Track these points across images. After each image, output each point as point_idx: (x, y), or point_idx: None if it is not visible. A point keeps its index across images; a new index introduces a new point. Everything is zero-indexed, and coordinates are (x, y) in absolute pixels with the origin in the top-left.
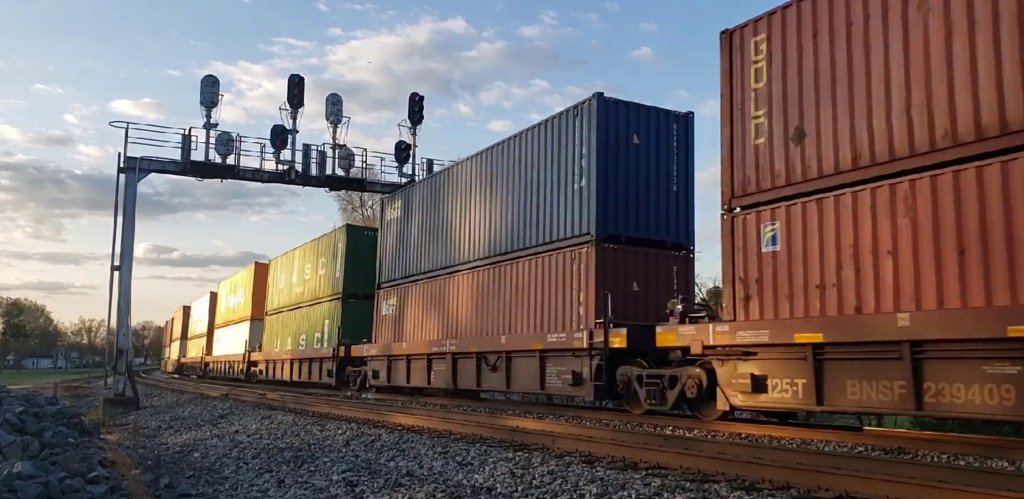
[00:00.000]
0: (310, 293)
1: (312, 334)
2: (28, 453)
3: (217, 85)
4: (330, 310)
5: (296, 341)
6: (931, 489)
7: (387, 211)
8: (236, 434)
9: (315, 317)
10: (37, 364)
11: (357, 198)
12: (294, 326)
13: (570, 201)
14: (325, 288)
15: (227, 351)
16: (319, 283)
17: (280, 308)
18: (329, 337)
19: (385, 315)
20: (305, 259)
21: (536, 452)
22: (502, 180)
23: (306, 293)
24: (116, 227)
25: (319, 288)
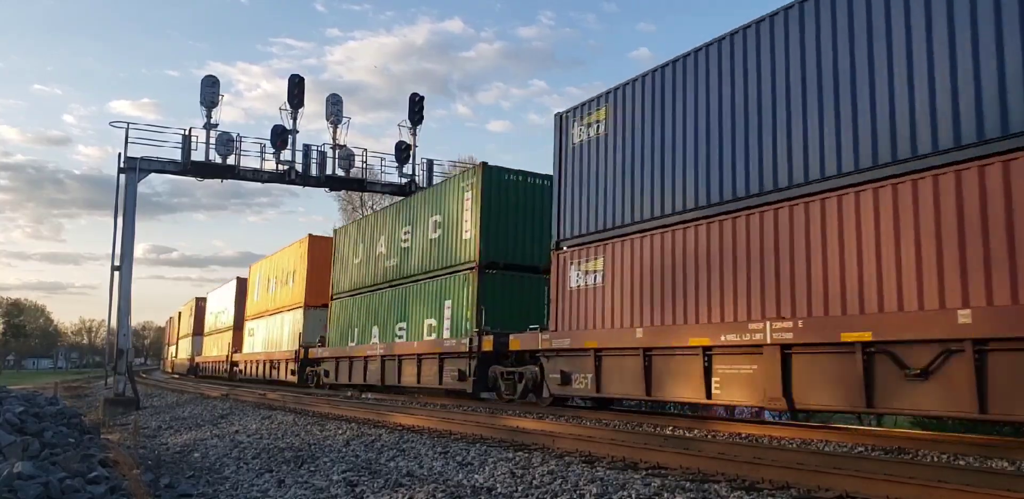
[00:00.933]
0: (414, 265)
1: (420, 321)
2: (28, 453)
3: (217, 85)
4: (456, 286)
5: (390, 331)
6: (931, 489)
7: (574, 130)
8: (236, 434)
9: (426, 297)
10: (37, 364)
11: (357, 198)
12: (383, 311)
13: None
14: (444, 256)
15: (267, 347)
16: (430, 251)
17: (357, 289)
18: (457, 324)
19: (578, 287)
20: (397, 222)
21: (536, 452)
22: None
23: (405, 266)
24: (116, 227)
25: (430, 257)
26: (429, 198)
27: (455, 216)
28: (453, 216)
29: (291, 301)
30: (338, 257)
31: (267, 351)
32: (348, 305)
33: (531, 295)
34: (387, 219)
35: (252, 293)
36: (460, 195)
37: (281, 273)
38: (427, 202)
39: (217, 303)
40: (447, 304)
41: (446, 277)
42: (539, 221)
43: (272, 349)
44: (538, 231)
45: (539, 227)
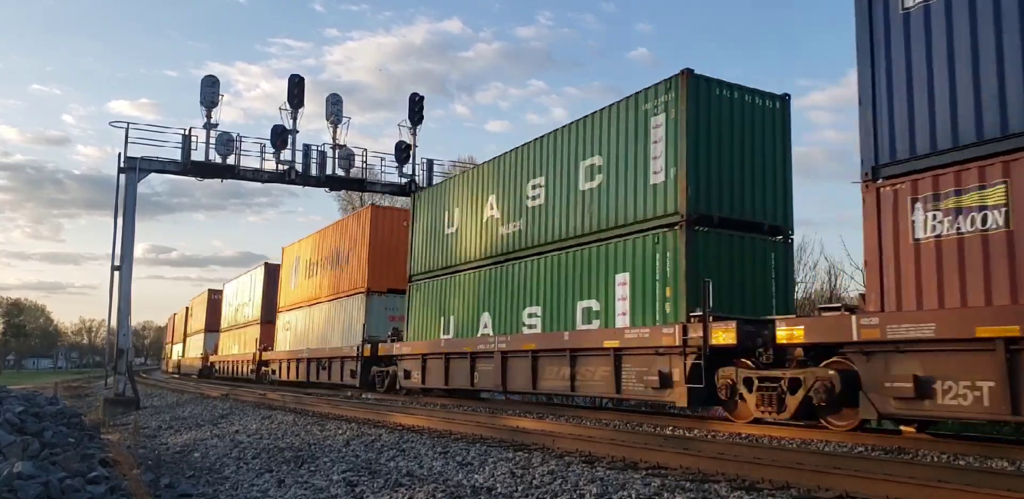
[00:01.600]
0: (553, 230)
1: (567, 305)
2: (28, 453)
3: (217, 85)
4: (639, 252)
5: (510, 320)
6: (931, 489)
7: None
8: (236, 434)
9: (579, 271)
10: (37, 364)
11: (357, 198)
12: (498, 294)
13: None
14: (611, 212)
15: (311, 343)
16: (581, 207)
17: (451, 267)
18: (642, 307)
19: (936, 238)
20: (518, 173)
21: (536, 452)
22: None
23: (535, 232)
24: (116, 227)
25: (584, 216)
26: (578, 134)
27: (632, 153)
28: (627, 154)
29: (348, 286)
30: (418, 229)
31: (313, 347)
32: (437, 288)
33: (755, 264)
34: (500, 172)
35: (287, 280)
36: (642, 123)
37: (329, 254)
38: (575, 140)
39: (238, 294)
40: (620, 279)
41: (617, 242)
42: (760, 160)
43: (320, 345)
44: (759, 174)
45: (760, 169)
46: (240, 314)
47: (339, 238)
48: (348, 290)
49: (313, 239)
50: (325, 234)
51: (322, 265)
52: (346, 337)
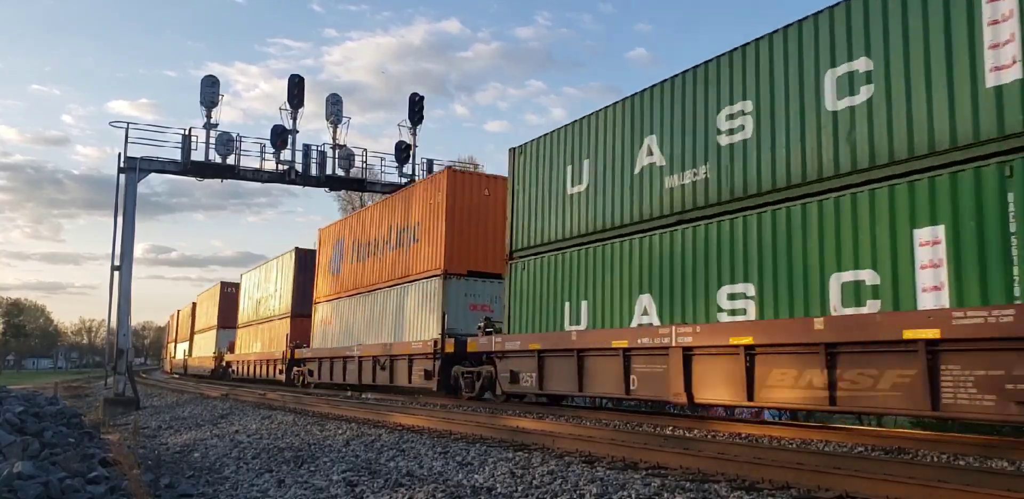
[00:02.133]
0: (813, 165)
1: (810, 271)
2: (28, 453)
3: (217, 85)
4: (976, 188)
5: (701, 303)
6: (931, 489)
7: None
8: (236, 434)
9: (853, 221)
10: (37, 364)
11: (357, 198)
12: (667, 270)
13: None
14: (916, 135)
15: (365, 338)
16: (839, 134)
17: (583, 237)
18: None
19: None
20: (720, 95)
21: (536, 452)
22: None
23: (752, 177)
24: (116, 227)
25: (860, 146)
26: (820, 30)
27: (939, 44)
28: (927, 47)
29: (418, 269)
30: (523, 192)
31: (368, 343)
32: (556, 265)
33: None
34: (668, 100)
35: (327, 266)
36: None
37: (389, 231)
38: (814, 39)
39: (260, 286)
40: (925, 236)
41: (916, 179)
42: None
43: (377, 340)
44: None
45: None
46: (263, 308)
47: (402, 211)
48: (418, 274)
49: (366, 215)
50: (383, 207)
51: (378, 245)
52: (414, 330)
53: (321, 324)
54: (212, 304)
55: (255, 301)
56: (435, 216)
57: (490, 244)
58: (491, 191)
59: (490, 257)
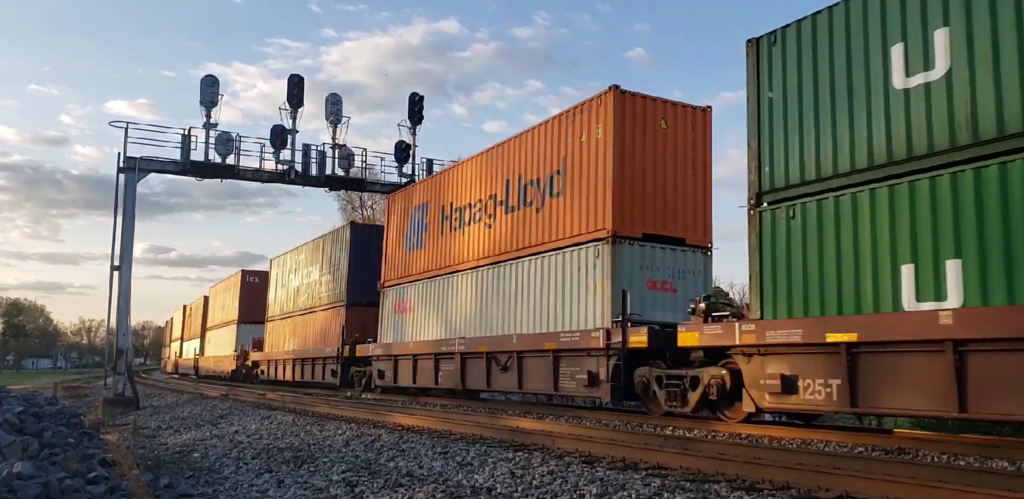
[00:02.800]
0: None
1: None
2: (28, 453)
3: (217, 85)
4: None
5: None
6: (931, 489)
7: None
8: (236, 434)
9: None
10: (37, 364)
11: (357, 198)
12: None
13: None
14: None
15: (484, 328)
16: None
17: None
18: None
19: None
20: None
21: (536, 452)
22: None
23: None
24: (116, 227)
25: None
26: None
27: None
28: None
29: (568, 232)
30: (785, 97)
31: (496, 336)
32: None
33: None
34: None
35: (398, 241)
36: None
37: (497, 190)
38: None
39: (298, 271)
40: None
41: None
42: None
43: (508, 330)
44: None
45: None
46: (304, 297)
47: (527, 157)
48: (560, 240)
49: (463, 171)
50: (492, 158)
51: (484, 208)
52: (555, 317)
53: (393, 314)
54: (230, 296)
55: (291, 290)
56: (592, 157)
57: (670, 198)
58: (669, 123)
59: (670, 216)
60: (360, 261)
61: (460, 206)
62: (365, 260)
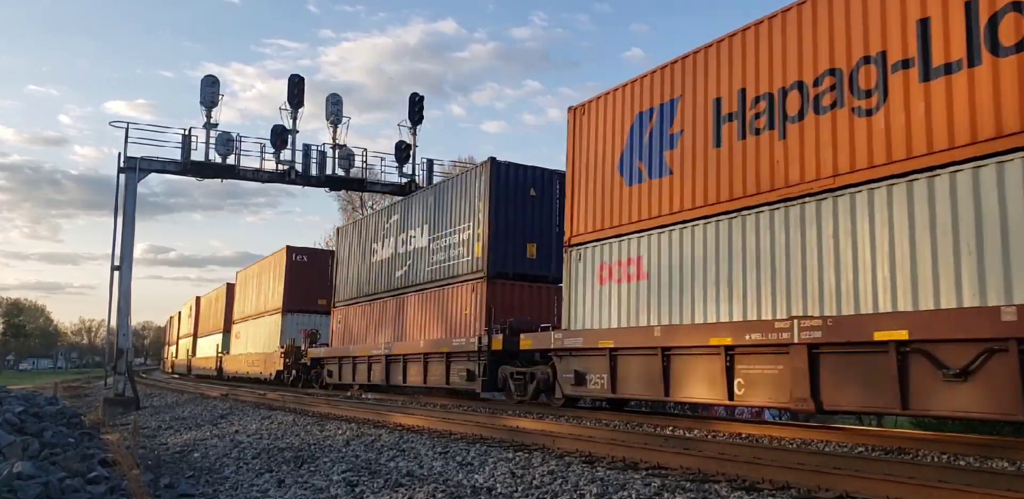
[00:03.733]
0: None
1: None
2: (28, 453)
3: (217, 85)
4: None
5: None
6: (931, 489)
7: None
8: (236, 434)
9: None
10: (37, 364)
11: (357, 198)
12: None
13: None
14: None
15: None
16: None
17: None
18: None
19: None
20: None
21: (536, 452)
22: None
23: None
24: (116, 227)
25: None
26: None
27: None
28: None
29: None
30: None
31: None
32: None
33: None
34: None
35: (610, 174)
36: None
37: (841, 64)
38: None
39: (387, 239)
40: None
41: None
42: None
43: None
44: None
45: None
46: (407, 271)
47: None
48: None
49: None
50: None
51: (822, 96)
52: None
53: (596, 284)
54: (272, 279)
55: (375, 263)
56: None
57: None
58: None
59: None
60: (505, 215)
61: (759, 95)
62: (512, 214)
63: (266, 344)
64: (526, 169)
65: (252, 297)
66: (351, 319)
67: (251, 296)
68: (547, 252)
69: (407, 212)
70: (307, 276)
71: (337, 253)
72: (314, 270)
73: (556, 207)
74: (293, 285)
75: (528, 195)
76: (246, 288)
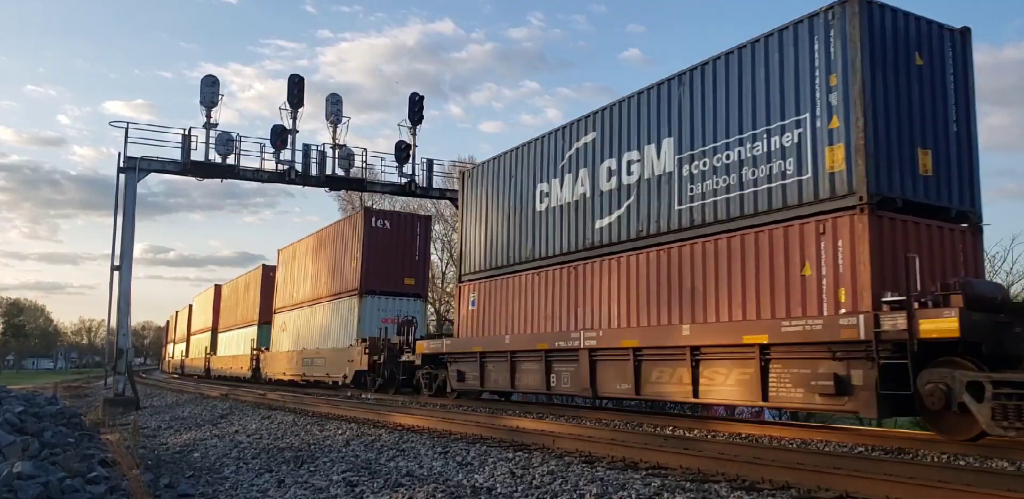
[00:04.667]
0: None
1: None
2: (28, 453)
3: (217, 85)
4: None
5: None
6: (931, 489)
7: None
8: (236, 434)
9: None
10: (37, 364)
11: (357, 198)
12: None
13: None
14: None
15: None
16: None
17: None
18: None
19: None
20: None
21: (536, 452)
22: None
23: None
24: (116, 227)
25: None
26: None
27: None
28: None
29: None
30: None
31: None
32: None
33: None
34: None
35: None
36: None
37: None
38: None
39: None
40: None
41: None
42: None
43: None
44: None
45: None
46: (615, 222)
47: None
48: None
49: None
50: None
51: None
52: None
53: None
54: (343, 250)
55: (567, 207)
56: None
57: None
58: None
59: None
60: (885, 98)
61: None
62: (895, 96)
63: (336, 337)
64: (908, 18)
65: (307, 278)
66: (493, 298)
67: (305, 276)
68: (946, 165)
69: (618, 124)
70: (390, 248)
71: (462, 208)
72: (400, 240)
73: (951, 88)
74: (372, 260)
75: (913, 64)
76: (294, 267)
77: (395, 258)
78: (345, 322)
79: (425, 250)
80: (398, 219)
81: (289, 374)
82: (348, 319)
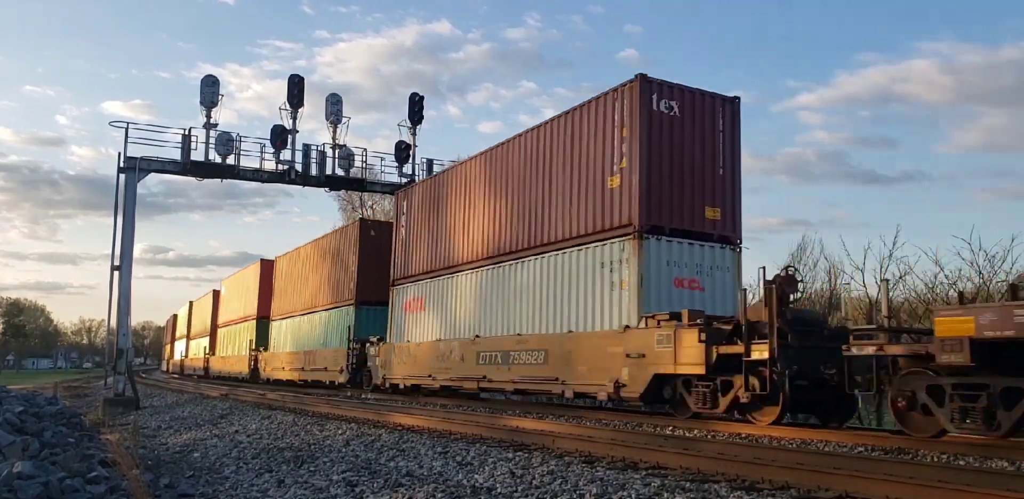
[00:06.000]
0: None
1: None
2: (28, 453)
3: (217, 85)
4: None
5: None
6: (931, 489)
7: None
8: (236, 434)
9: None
10: (37, 364)
11: (357, 198)
12: None
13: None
14: None
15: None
16: None
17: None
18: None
19: None
20: None
21: (536, 452)
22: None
23: None
24: (116, 227)
25: None
26: None
27: None
28: None
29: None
30: None
31: None
32: None
33: None
34: None
35: None
36: None
37: None
38: None
39: None
40: None
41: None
42: None
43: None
44: None
45: None
46: None
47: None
48: None
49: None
50: None
51: None
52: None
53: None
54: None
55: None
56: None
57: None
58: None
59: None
60: None
61: None
62: None
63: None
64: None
65: (306, 287)
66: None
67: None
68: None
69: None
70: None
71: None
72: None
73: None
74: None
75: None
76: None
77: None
78: (340, 329)
79: None
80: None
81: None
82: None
